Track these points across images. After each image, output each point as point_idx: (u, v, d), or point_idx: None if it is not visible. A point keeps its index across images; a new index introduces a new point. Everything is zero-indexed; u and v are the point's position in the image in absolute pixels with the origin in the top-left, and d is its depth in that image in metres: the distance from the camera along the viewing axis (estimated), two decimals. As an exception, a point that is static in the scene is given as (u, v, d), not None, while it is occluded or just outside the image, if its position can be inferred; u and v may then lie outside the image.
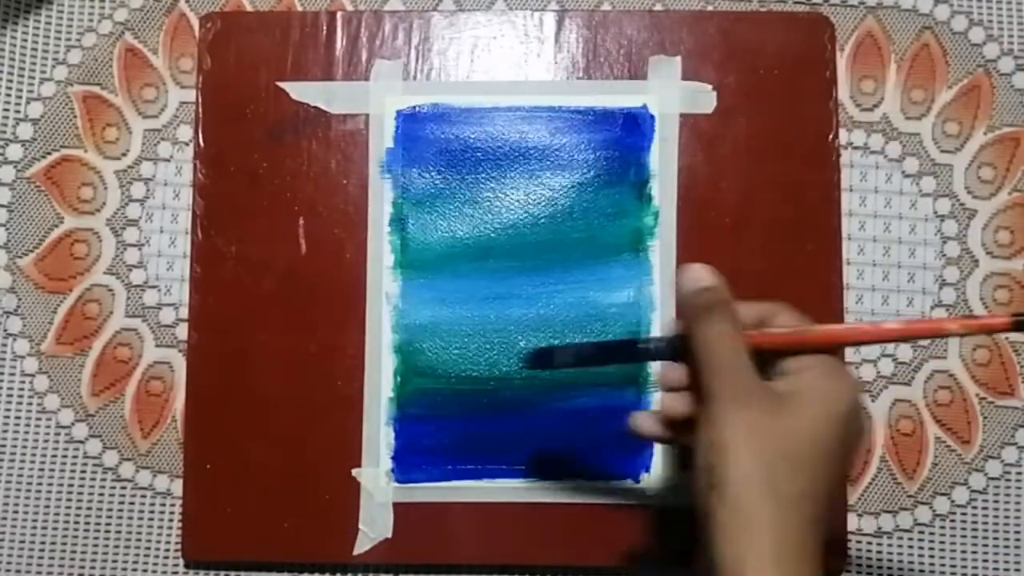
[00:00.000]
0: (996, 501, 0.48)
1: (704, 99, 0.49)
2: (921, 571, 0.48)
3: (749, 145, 0.49)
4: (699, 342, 0.35)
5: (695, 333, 0.35)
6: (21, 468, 0.49)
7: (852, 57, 0.51)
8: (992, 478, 0.49)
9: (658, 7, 0.51)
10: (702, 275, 0.37)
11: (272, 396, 0.48)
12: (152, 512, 0.49)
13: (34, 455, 0.49)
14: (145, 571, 0.48)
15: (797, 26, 0.50)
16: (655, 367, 0.48)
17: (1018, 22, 0.51)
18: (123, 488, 0.49)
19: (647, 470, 0.48)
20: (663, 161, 0.49)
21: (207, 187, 0.49)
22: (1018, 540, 0.48)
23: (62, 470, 0.49)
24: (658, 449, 0.48)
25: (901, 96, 0.51)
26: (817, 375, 0.35)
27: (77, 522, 0.49)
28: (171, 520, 0.49)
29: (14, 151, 0.50)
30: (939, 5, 0.51)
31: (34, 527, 0.49)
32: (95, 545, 0.49)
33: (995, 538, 0.48)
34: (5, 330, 0.50)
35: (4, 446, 0.49)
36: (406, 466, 0.48)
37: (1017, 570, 0.48)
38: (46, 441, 0.49)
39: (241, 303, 0.48)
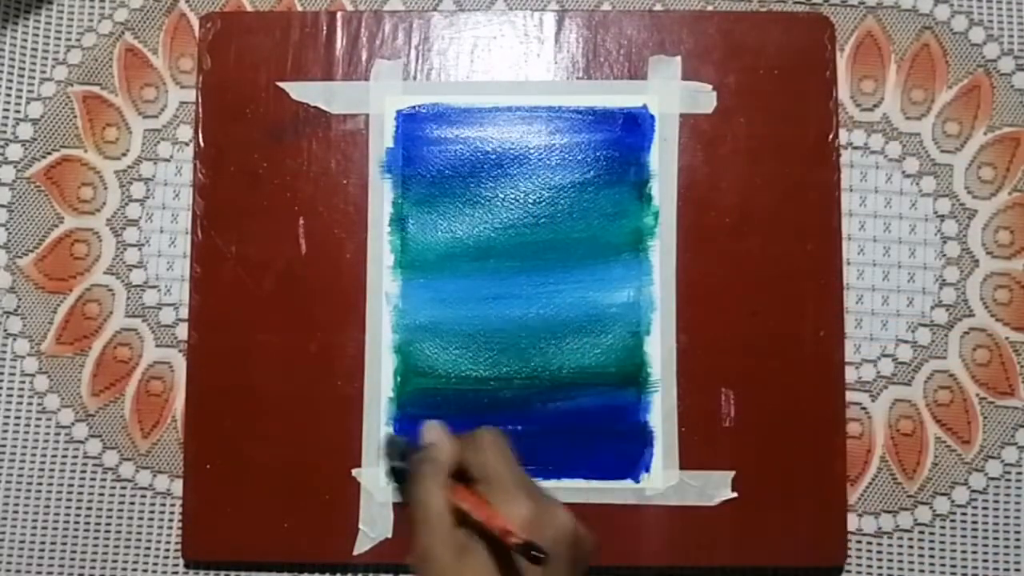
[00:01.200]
0: (996, 501, 0.48)
1: (704, 99, 0.49)
2: (921, 571, 0.48)
3: (749, 145, 0.49)
4: (412, 496, 0.39)
5: (413, 484, 0.39)
6: (21, 468, 0.49)
7: (852, 57, 0.51)
8: (992, 478, 0.49)
9: (658, 7, 0.51)
10: (426, 435, 0.41)
11: (272, 396, 0.48)
12: (152, 512, 0.49)
13: (34, 455, 0.49)
14: (145, 571, 0.48)
15: (797, 26, 0.50)
16: (656, 364, 0.48)
17: (1018, 22, 0.51)
18: (123, 488, 0.49)
19: (647, 470, 0.48)
20: (663, 161, 0.49)
21: (207, 187, 0.49)
22: (1018, 540, 0.48)
23: (62, 470, 0.49)
24: (658, 449, 0.48)
25: (901, 96, 0.51)
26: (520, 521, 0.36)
27: (77, 522, 0.49)
28: (171, 520, 0.49)
29: (14, 151, 0.50)
30: (939, 5, 0.51)
31: (34, 527, 0.49)
32: (95, 545, 0.49)
33: (995, 538, 0.48)
34: (5, 330, 0.50)
35: (4, 446, 0.49)
36: (406, 466, 0.48)
37: (1017, 570, 0.48)
38: (46, 441, 0.49)
39: (241, 303, 0.48)
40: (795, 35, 0.50)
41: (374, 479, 0.48)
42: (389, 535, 0.47)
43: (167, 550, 0.49)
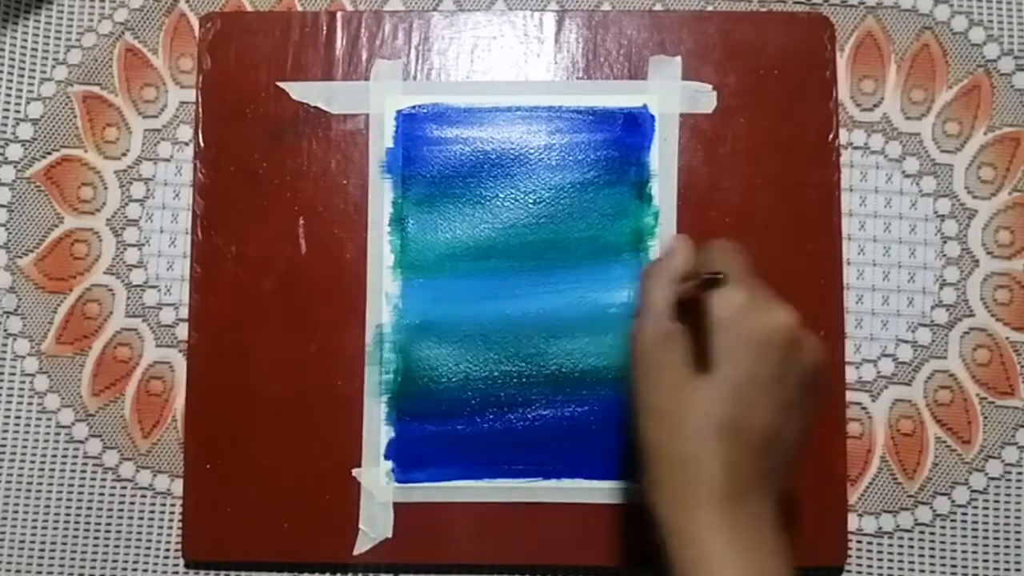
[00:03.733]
0: (996, 501, 0.48)
1: (704, 99, 0.49)
2: (921, 571, 0.48)
3: (749, 145, 0.49)
4: (640, 290, 0.40)
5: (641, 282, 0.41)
6: (21, 468, 0.49)
7: (852, 57, 0.51)
8: (992, 478, 0.49)
9: (658, 7, 0.51)
10: (669, 243, 0.42)
11: (272, 396, 0.48)
12: (152, 512, 0.49)
13: (34, 455, 0.49)
14: (145, 571, 0.48)
15: (797, 26, 0.50)
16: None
17: (1018, 22, 0.51)
18: (123, 488, 0.49)
19: (647, 470, 0.48)
20: (663, 161, 0.49)
21: (207, 187, 0.49)
22: (1018, 540, 0.48)
23: (62, 470, 0.49)
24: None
25: (901, 96, 0.51)
26: (733, 310, 0.37)
27: (77, 522, 0.49)
28: (171, 520, 0.49)
29: (14, 151, 0.50)
30: (939, 5, 0.51)
31: (34, 527, 0.49)
32: (95, 545, 0.49)
33: (995, 538, 0.48)
34: (5, 330, 0.50)
35: (4, 446, 0.49)
36: (406, 466, 0.48)
37: (1017, 570, 0.48)
38: (46, 441, 0.49)
39: (241, 303, 0.48)
40: (795, 35, 0.50)
41: (374, 479, 0.48)
42: (389, 535, 0.47)
43: (167, 550, 0.49)
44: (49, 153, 0.51)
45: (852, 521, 0.48)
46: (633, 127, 0.49)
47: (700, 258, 0.40)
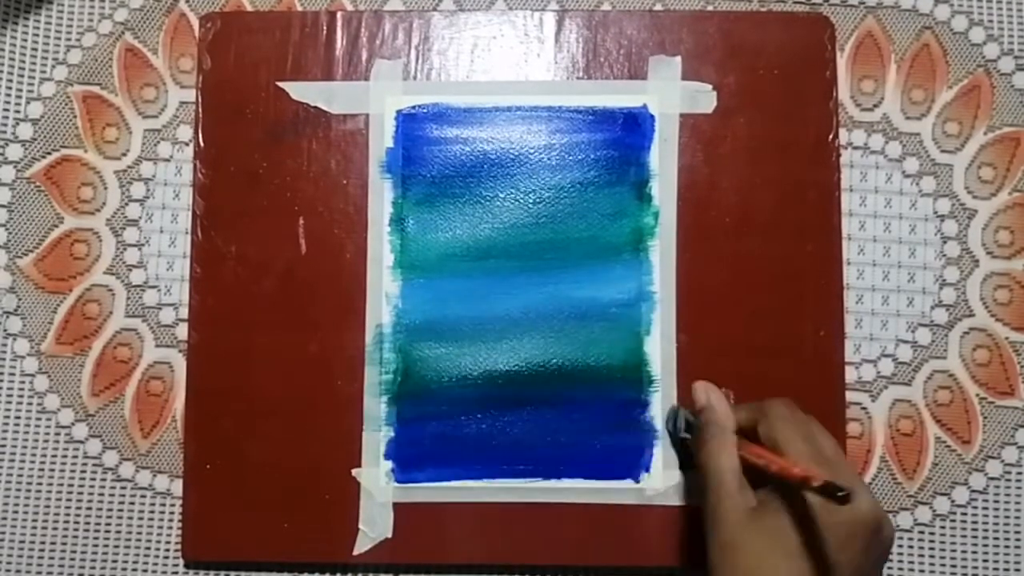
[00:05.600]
0: (996, 501, 0.48)
1: (704, 99, 0.49)
2: (921, 571, 0.48)
3: (749, 145, 0.49)
4: (701, 458, 0.41)
5: (698, 448, 0.41)
6: (21, 468, 0.49)
7: (852, 57, 0.51)
8: (992, 478, 0.49)
9: (658, 7, 0.51)
10: (699, 396, 0.44)
11: (272, 396, 0.48)
12: (152, 512, 0.49)
13: (34, 455, 0.49)
14: (145, 571, 0.48)
15: (797, 26, 0.50)
16: (656, 364, 0.48)
17: (1018, 22, 0.51)
18: (123, 488, 0.49)
19: (647, 470, 0.48)
20: (663, 161, 0.49)
21: (207, 187, 0.49)
22: (1018, 540, 0.48)
23: (62, 470, 0.49)
24: (659, 449, 0.48)
25: (901, 96, 0.51)
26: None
27: (77, 522, 0.49)
28: (171, 520, 0.49)
29: (14, 151, 0.50)
30: (939, 5, 0.51)
31: (34, 527, 0.49)
32: (95, 545, 0.49)
33: (995, 538, 0.48)
34: (5, 330, 0.50)
35: (4, 446, 0.49)
36: (406, 466, 0.48)
37: (1017, 570, 0.48)
38: (46, 441, 0.49)
39: (241, 303, 0.48)
40: (795, 35, 0.50)
41: (374, 479, 0.48)
42: (389, 535, 0.47)
43: (167, 550, 0.49)
44: (49, 153, 0.51)
45: (852, 521, 0.48)
46: (633, 127, 0.49)
47: (755, 417, 0.41)
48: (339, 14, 0.50)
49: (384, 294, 0.49)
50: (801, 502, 0.36)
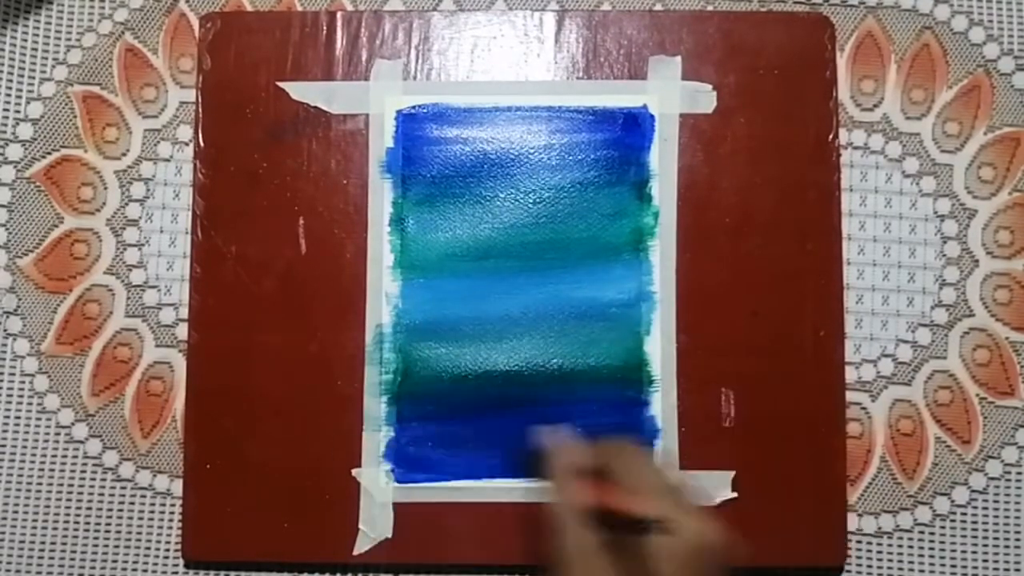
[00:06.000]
0: (996, 501, 0.48)
1: (704, 99, 0.49)
2: (921, 571, 0.48)
3: (749, 145, 0.49)
4: (549, 497, 0.41)
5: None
6: (21, 468, 0.49)
7: (852, 57, 0.51)
8: (992, 478, 0.49)
9: (658, 7, 0.51)
10: (544, 441, 0.44)
11: (272, 396, 0.48)
12: (152, 512, 0.49)
13: (34, 455, 0.49)
14: (145, 571, 0.48)
15: (797, 26, 0.50)
16: (656, 364, 0.48)
17: (1018, 22, 0.51)
18: (123, 488, 0.49)
19: (647, 470, 0.48)
20: (663, 161, 0.49)
21: (207, 187, 0.49)
22: (1018, 540, 0.48)
23: (62, 470, 0.49)
24: (658, 449, 0.48)
25: (901, 96, 0.51)
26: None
27: (77, 522, 0.49)
28: (171, 520, 0.49)
29: (14, 151, 0.50)
30: (939, 5, 0.51)
31: (34, 527, 0.49)
32: (95, 545, 0.49)
33: (995, 538, 0.48)
34: (5, 330, 0.50)
35: (4, 446, 0.49)
36: (406, 466, 0.48)
37: (1017, 570, 0.48)
38: (46, 441, 0.49)
39: (241, 303, 0.48)
40: (795, 35, 0.50)
41: (374, 479, 0.48)
42: (389, 535, 0.47)
43: (167, 550, 0.49)
44: (49, 153, 0.51)
45: (852, 521, 0.48)
46: (633, 127, 0.49)
47: (605, 455, 0.41)
48: (339, 14, 0.50)
49: (384, 294, 0.49)
50: (639, 537, 0.37)
